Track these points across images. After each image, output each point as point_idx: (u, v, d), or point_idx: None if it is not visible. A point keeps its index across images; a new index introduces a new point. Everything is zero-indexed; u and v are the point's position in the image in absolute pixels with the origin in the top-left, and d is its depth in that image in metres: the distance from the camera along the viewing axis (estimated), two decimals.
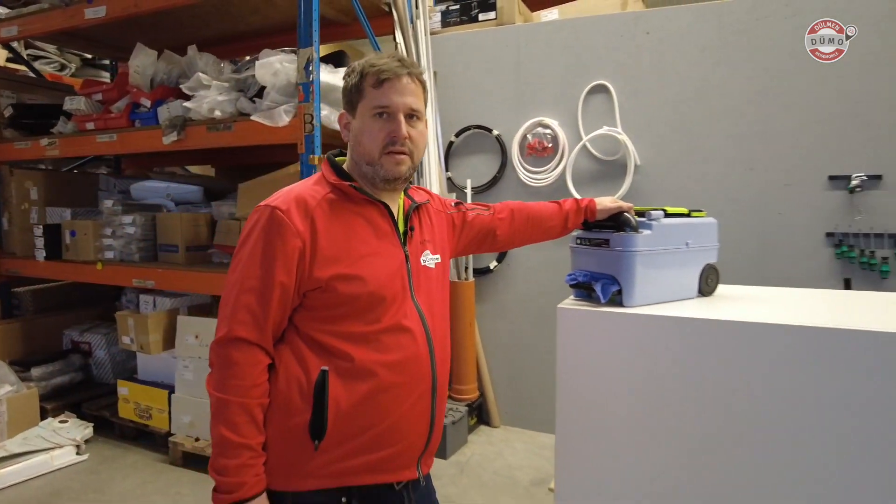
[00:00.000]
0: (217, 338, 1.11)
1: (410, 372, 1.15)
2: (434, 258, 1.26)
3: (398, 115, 1.15)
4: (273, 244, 1.10)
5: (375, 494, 1.15)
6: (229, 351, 1.09)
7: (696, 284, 1.62)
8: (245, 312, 1.09)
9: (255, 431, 1.08)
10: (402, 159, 1.17)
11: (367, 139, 1.17)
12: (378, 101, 1.16)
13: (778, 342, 1.29)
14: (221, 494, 1.06)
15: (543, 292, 3.49)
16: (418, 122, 1.19)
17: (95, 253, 3.52)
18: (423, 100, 1.21)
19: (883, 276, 2.83)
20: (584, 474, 1.51)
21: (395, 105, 1.15)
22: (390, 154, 1.16)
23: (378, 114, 1.16)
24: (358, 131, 1.19)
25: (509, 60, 3.54)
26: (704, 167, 3.14)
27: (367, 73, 1.16)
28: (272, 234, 1.11)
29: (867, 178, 2.82)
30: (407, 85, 1.16)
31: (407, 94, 1.16)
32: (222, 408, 1.07)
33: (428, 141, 1.27)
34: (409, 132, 1.17)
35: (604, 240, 1.53)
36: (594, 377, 1.49)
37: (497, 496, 2.77)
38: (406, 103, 1.16)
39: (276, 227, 1.11)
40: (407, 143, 1.16)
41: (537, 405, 3.56)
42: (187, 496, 2.77)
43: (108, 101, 3.46)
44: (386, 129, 1.15)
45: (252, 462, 1.07)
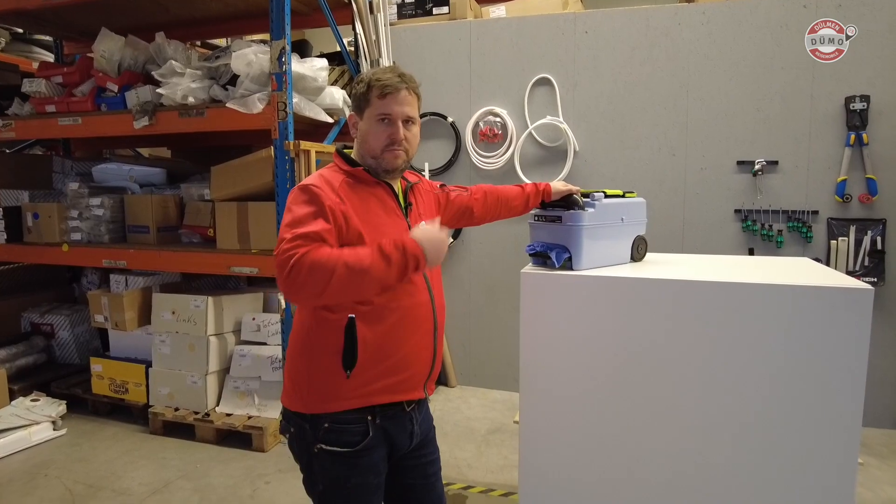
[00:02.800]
0: (279, 250, 1.25)
1: (416, 314, 1.46)
2: None
3: (397, 122, 1.45)
4: (312, 203, 1.35)
5: (392, 414, 1.46)
6: (300, 244, 1.24)
7: (629, 252, 2.01)
8: (299, 223, 1.29)
9: (365, 252, 1.27)
10: (399, 154, 1.47)
11: (372, 139, 1.47)
12: (381, 109, 1.45)
13: (693, 294, 1.68)
14: (413, 263, 1.29)
15: (494, 265, 3.87)
16: (413, 126, 1.50)
17: (61, 235, 3.58)
18: (417, 107, 1.52)
19: (779, 246, 3.37)
20: (544, 412, 1.87)
21: (395, 113, 1.45)
22: (390, 150, 1.46)
23: (381, 119, 1.45)
24: (364, 132, 1.49)
25: (462, 53, 3.84)
26: (633, 153, 3.58)
27: (374, 85, 1.46)
28: (311, 200, 1.36)
29: (767, 163, 3.34)
30: (405, 97, 1.46)
31: (405, 104, 1.46)
32: (345, 280, 1.22)
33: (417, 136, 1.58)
34: (406, 135, 1.47)
35: (557, 217, 1.88)
36: (551, 329, 1.85)
37: (459, 443, 3.14)
38: (404, 112, 1.46)
39: (313, 195, 1.37)
40: (403, 143, 1.47)
41: (489, 365, 3.96)
42: (173, 459, 2.97)
43: (70, 84, 3.50)
44: (387, 132, 1.45)
45: (388, 246, 1.27)
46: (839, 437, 1.57)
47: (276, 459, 2.97)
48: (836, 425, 1.57)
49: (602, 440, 1.80)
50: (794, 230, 3.34)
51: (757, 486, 1.65)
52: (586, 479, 1.82)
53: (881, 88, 3.15)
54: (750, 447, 1.65)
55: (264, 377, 3.20)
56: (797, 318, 1.59)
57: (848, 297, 1.55)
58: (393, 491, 1.59)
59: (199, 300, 3.20)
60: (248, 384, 3.23)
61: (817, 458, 1.60)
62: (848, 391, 1.56)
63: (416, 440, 1.53)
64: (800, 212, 3.32)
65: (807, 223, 3.32)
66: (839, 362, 1.56)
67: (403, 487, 1.57)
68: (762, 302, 1.62)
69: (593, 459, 1.81)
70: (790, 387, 1.60)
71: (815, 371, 1.58)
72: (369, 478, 1.44)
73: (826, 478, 1.59)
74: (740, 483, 1.67)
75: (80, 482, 2.77)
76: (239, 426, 3.07)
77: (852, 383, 1.56)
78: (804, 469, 1.61)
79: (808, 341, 1.58)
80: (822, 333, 1.57)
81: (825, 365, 1.57)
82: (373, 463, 1.44)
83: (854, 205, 3.25)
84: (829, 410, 1.57)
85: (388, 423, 1.45)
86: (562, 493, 1.85)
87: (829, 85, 3.23)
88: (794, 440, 1.61)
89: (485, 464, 2.95)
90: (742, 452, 1.66)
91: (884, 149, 3.19)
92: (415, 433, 1.52)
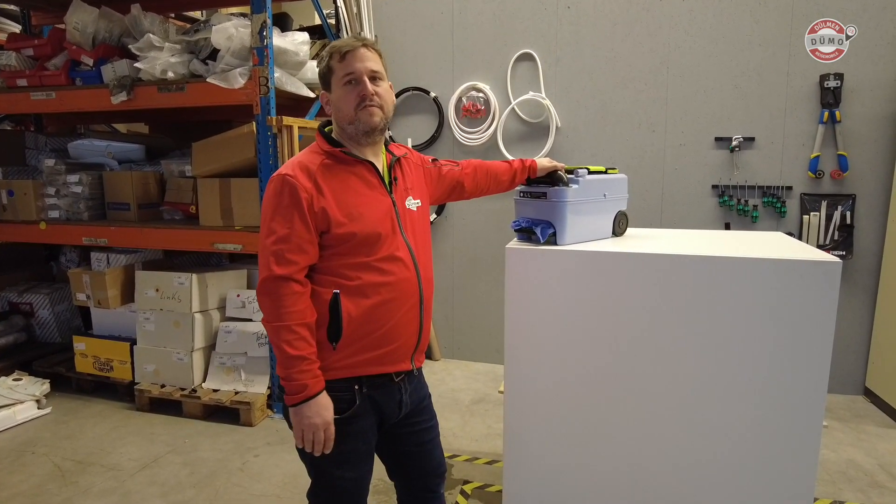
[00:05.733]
0: (261, 280, 1.40)
1: (402, 289, 1.50)
2: (416, 202, 1.60)
3: (363, 78, 1.45)
4: (288, 200, 1.40)
5: (380, 384, 1.51)
6: (273, 287, 1.38)
7: (611, 227, 2.07)
8: (278, 256, 1.39)
9: (306, 345, 1.39)
10: (374, 111, 1.47)
11: (344, 104, 1.47)
12: (344, 70, 1.45)
13: (672, 268, 1.75)
14: (291, 396, 1.39)
15: (476, 240, 3.91)
16: (382, 82, 1.50)
17: (38, 213, 3.52)
18: (381, 64, 1.51)
19: (754, 220, 3.47)
20: (528, 383, 1.93)
21: (358, 70, 1.45)
22: (364, 108, 1.46)
23: (347, 82, 1.46)
24: (336, 100, 1.49)
25: (444, 27, 3.81)
26: (614, 129, 3.62)
27: (332, 52, 1.47)
28: (285, 194, 1.40)
29: (743, 140, 3.42)
30: (364, 53, 1.46)
31: (366, 60, 1.46)
32: (278, 331, 1.38)
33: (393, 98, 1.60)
34: (375, 90, 1.47)
35: (542, 192, 1.92)
36: (536, 302, 1.90)
37: (444, 413, 3.22)
38: (367, 68, 1.46)
39: (288, 188, 1.40)
40: (375, 98, 1.47)
41: (472, 338, 4.04)
42: (162, 434, 3.00)
43: (42, 57, 3.41)
44: (356, 91, 1.45)
45: (308, 367, 1.39)
46: (806, 402, 1.67)
47: (265, 433, 3.02)
48: (804, 390, 1.67)
49: (584, 409, 1.88)
50: (768, 205, 3.44)
51: (728, 448, 1.75)
52: (569, 446, 1.91)
53: (854, 66, 3.23)
54: (722, 411, 1.74)
55: (250, 353, 3.22)
56: (770, 289, 1.66)
57: (817, 269, 1.63)
58: (391, 459, 1.65)
59: (184, 277, 3.19)
60: (234, 360, 3.25)
61: (785, 422, 1.69)
62: (815, 358, 1.65)
63: (405, 409, 1.58)
64: (774, 187, 3.42)
65: (781, 198, 3.41)
66: (808, 331, 1.65)
67: (400, 454, 1.63)
68: (737, 275, 1.69)
69: (575, 428, 1.89)
70: (762, 354, 1.69)
71: (786, 339, 1.66)
72: (358, 444, 1.50)
73: (793, 440, 1.69)
74: (712, 444, 1.76)
75: (69, 458, 2.78)
76: (226, 401, 3.10)
77: (819, 351, 1.65)
78: (772, 432, 1.71)
79: (780, 311, 1.66)
80: (793, 304, 1.65)
81: (795, 334, 1.66)
82: (362, 430, 1.50)
83: (826, 180, 3.35)
84: (798, 376, 1.67)
85: (375, 393, 1.50)
86: (545, 460, 1.94)
87: (805, 62, 3.29)
88: (764, 405, 1.70)
89: (469, 433, 3.03)
90: (714, 416, 1.75)
91: (855, 126, 3.28)
92: (404, 402, 1.57)
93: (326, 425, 1.40)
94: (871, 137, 3.27)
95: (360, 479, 1.53)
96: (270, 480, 2.59)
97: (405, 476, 1.68)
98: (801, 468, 1.70)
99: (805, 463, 1.69)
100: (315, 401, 1.39)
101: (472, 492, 2.49)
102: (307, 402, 1.38)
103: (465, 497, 2.45)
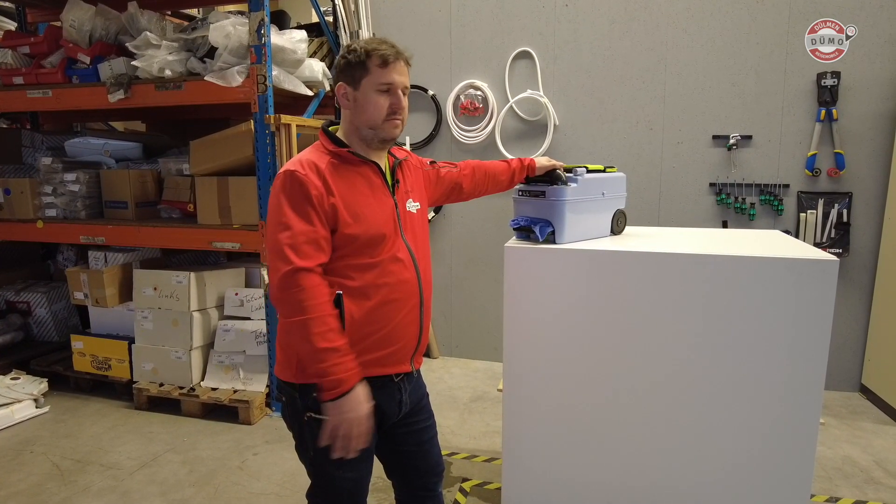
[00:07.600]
0: (280, 276, 1.35)
1: (403, 290, 1.50)
2: (415, 205, 1.60)
3: (398, 91, 1.47)
4: (299, 195, 1.38)
5: (380, 384, 1.51)
6: (295, 280, 1.33)
7: (609, 226, 2.08)
8: (297, 249, 1.35)
9: (337, 335, 1.35)
10: (398, 124, 1.50)
11: (373, 109, 1.46)
12: (383, 79, 1.45)
13: (671, 266, 1.76)
14: (327, 392, 1.34)
15: (474, 239, 3.92)
16: (405, 98, 1.51)
17: (35, 211, 3.51)
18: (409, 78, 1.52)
19: (751, 219, 3.48)
20: (527, 381, 1.94)
21: (396, 83, 1.46)
22: (390, 120, 1.48)
23: (384, 90, 1.46)
24: (364, 102, 1.47)
25: (442, 25, 3.81)
26: (612, 127, 3.63)
27: (373, 55, 1.45)
28: (296, 189, 1.38)
29: (741, 138, 3.42)
30: (404, 67, 1.48)
31: (404, 74, 1.48)
32: (306, 325, 1.31)
33: None
34: (404, 105, 1.49)
35: (541, 191, 1.93)
36: (534, 300, 1.91)
37: (442, 411, 3.23)
38: (403, 82, 1.48)
39: (297, 183, 1.39)
40: (403, 112, 1.50)
41: (471, 337, 4.05)
42: (160, 433, 3.00)
43: (38, 54, 3.39)
44: (389, 102, 1.46)
45: (341, 360, 1.34)
46: (803, 399, 1.68)
47: (264, 431, 3.02)
48: (801, 387, 1.68)
49: (582, 407, 1.89)
50: (765, 203, 3.45)
51: (726, 444, 1.76)
52: (567, 444, 1.91)
53: (851, 65, 3.24)
54: (720, 408, 1.75)
55: (249, 351, 3.22)
56: (767, 287, 1.67)
57: (815, 268, 1.64)
58: (389, 459, 1.65)
59: (182, 276, 3.19)
60: (232, 358, 3.25)
61: (782, 419, 1.70)
62: (812, 356, 1.66)
63: (405, 409, 1.58)
64: (772, 185, 3.43)
65: (778, 196, 3.42)
66: (805, 329, 1.66)
67: (399, 454, 1.64)
68: (735, 273, 1.70)
69: (573, 425, 1.90)
70: (760, 351, 1.70)
71: (784, 337, 1.68)
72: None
73: (790, 437, 1.70)
74: (710, 440, 1.77)
75: (68, 457, 2.78)
76: (225, 400, 3.10)
77: (816, 349, 1.66)
78: (770, 428, 1.72)
79: (778, 309, 1.67)
80: (791, 302, 1.66)
81: (792, 331, 1.67)
82: None
83: (823, 178, 3.37)
84: (795, 373, 1.68)
85: (375, 393, 1.50)
86: (543, 457, 1.94)
87: (803, 60, 3.30)
88: (762, 402, 1.71)
89: (468, 431, 3.04)
90: (712, 413, 1.76)
91: (852, 124, 3.29)
92: (403, 402, 1.57)
93: (364, 420, 1.37)
94: (868, 135, 3.28)
95: (359, 479, 1.53)
96: (269, 479, 2.59)
97: (403, 475, 1.69)
98: (798, 465, 1.71)
99: (802, 459, 1.71)
100: (353, 394, 1.36)
101: (470, 489, 2.50)
102: (345, 395, 1.35)
103: (463, 495, 2.46)
